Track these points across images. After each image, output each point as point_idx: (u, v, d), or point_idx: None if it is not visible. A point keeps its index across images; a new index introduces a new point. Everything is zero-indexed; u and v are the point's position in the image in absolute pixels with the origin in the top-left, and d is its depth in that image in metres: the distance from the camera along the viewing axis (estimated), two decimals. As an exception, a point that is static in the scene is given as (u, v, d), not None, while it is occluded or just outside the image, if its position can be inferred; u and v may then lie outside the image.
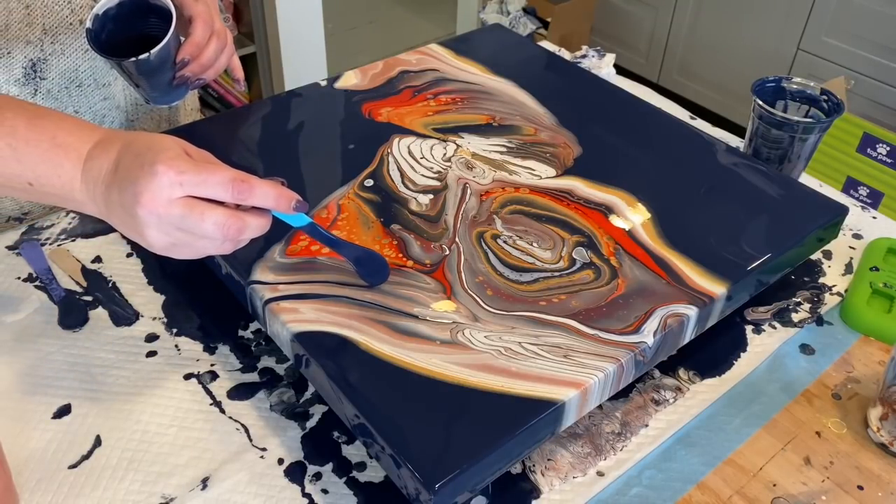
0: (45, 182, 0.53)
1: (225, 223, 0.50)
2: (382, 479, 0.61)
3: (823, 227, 0.74)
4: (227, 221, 0.50)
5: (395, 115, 0.86)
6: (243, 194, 0.50)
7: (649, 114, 0.89)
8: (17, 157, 0.52)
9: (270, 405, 0.66)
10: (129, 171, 0.50)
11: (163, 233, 0.50)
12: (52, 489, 0.59)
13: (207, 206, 0.50)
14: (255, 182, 0.51)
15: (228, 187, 0.50)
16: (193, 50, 0.76)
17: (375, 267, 0.64)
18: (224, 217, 0.50)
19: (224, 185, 0.50)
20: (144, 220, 0.50)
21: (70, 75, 0.84)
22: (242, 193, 0.50)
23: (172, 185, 0.49)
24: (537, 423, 0.55)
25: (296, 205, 0.53)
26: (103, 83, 0.87)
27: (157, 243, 0.51)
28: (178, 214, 0.49)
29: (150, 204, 0.49)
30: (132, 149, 0.51)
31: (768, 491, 0.61)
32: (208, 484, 0.60)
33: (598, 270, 0.67)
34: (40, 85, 0.83)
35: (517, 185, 0.76)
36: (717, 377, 0.70)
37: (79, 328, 0.71)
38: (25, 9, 0.78)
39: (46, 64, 0.82)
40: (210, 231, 0.50)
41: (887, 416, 0.63)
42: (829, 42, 2.22)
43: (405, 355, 0.59)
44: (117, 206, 0.51)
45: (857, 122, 1.58)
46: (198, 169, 0.49)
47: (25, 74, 0.81)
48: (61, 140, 0.52)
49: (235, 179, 0.50)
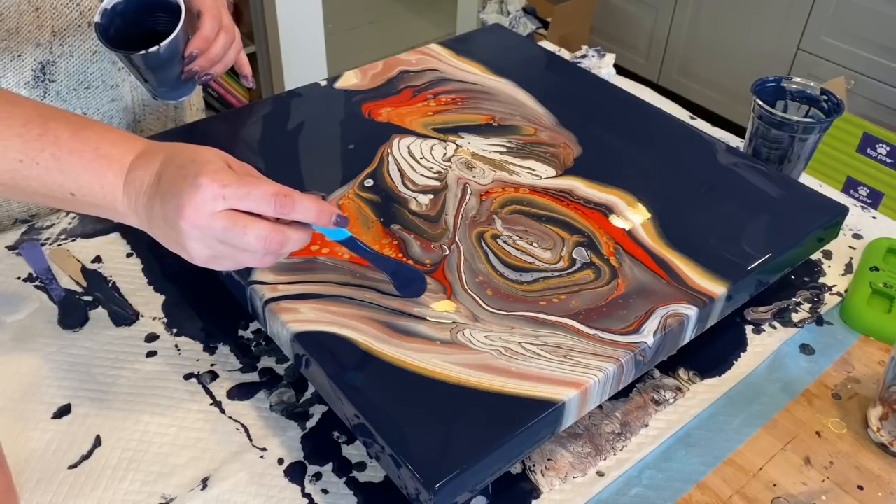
0: (87, 192, 0.53)
1: (267, 237, 0.50)
2: (382, 479, 0.61)
3: (823, 227, 0.74)
4: (270, 235, 0.50)
5: (395, 115, 0.86)
6: (286, 208, 0.50)
7: (649, 114, 0.89)
8: (60, 168, 0.52)
9: (270, 405, 0.66)
10: (173, 183, 0.50)
11: (205, 245, 0.50)
12: (52, 489, 0.59)
13: (250, 219, 0.50)
14: (298, 196, 0.51)
15: (271, 201, 0.50)
16: (202, 44, 0.77)
17: (413, 281, 0.63)
18: (266, 230, 0.50)
19: (267, 198, 0.50)
20: (187, 233, 0.50)
21: (78, 77, 0.85)
22: (285, 207, 0.50)
23: (216, 198, 0.49)
24: (537, 423, 0.55)
25: (336, 219, 0.53)
26: (111, 84, 0.88)
27: (199, 256, 0.51)
28: (221, 227, 0.49)
29: (192, 216, 0.49)
30: (175, 161, 0.51)
31: (768, 491, 0.61)
32: (208, 484, 0.60)
33: (598, 270, 0.67)
34: (49, 87, 0.83)
35: (517, 185, 0.76)
36: (717, 377, 0.70)
37: (79, 328, 0.71)
38: (35, 11, 0.78)
39: (55, 66, 0.82)
40: (252, 244, 0.50)
41: (887, 416, 0.63)
42: (829, 42, 2.22)
43: (405, 355, 0.59)
44: (159, 218, 0.51)
45: (857, 122, 1.57)
46: (241, 182, 0.49)
47: (35, 77, 0.81)
48: (105, 151, 0.52)
49: (278, 193, 0.50)
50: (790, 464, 0.63)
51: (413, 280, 0.63)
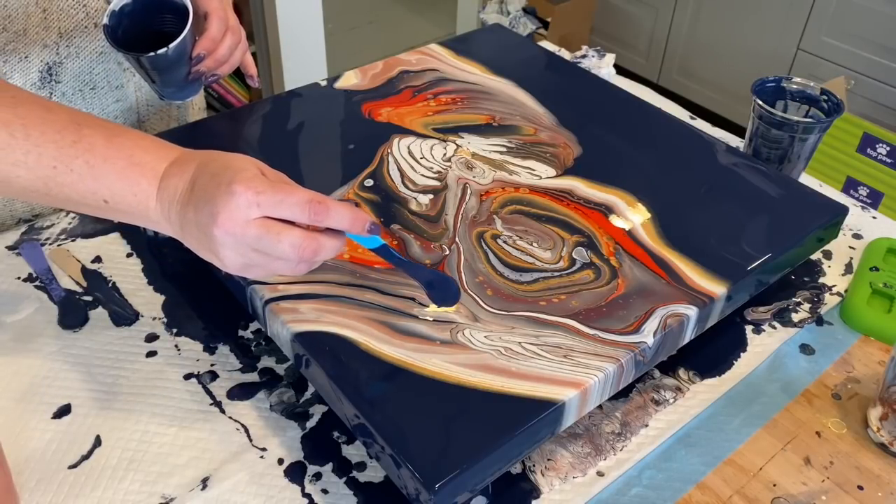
0: (119, 200, 0.52)
1: (301, 244, 0.50)
2: (382, 479, 0.61)
3: (823, 227, 0.74)
4: (304, 243, 0.50)
5: (395, 115, 0.86)
6: (320, 216, 0.50)
7: (649, 114, 0.89)
8: (94, 175, 0.51)
9: (270, 405, 0.66)
10: (206, 190, 0.50)
11: (238, 253, 0.50)
12: (52, 489, 0.59)
13: (284, 226, 0.49)
14: (332, 204, 0.50)
15: (305, 208, 0.49)
16: (209, 45, 0.77)
17: (446, 289, 0.61)
18: (300, 238, 0.50)
19: (301, 206, 0.49)
20: (220, 241, 0.49)
21: (84, 78, 0.85)
22: (319, 215, 0.50)
23: (250, 205, 0.48)
24: (537, 423, 0.55)
25: (370, 227, 0.53)
26: (116, 85, 0.88)
27: (232, 264, 0.51)
28: (255, 235, 0.49)
29: (226, 224, 0.48)
30: (209, 168, 0.51)
31: (768, 491, 0.61)
32: (208, 484, 0.60)
33: (598, 270, 0.67)
34: (55, 88, 0.83)
35: (517, 185, 0.76)
36: (717, 377, 0.70)
37: (79, 328, 0.71)
38: (42, 13, 0.78)
39: (62, 67, 0.83)
40: (286, 252, 0.50)
41: (887, 416, 0.63)
42: (829, 42, 2.22)
43: (405, 355, 0.59)
44: (193, 225, 0.51)
45: (857, 122, 1.57)
46: (275, 189, 0.49)
47: (41, 78, 0.82)
48: (139, 158, 0.52)
49: (312, 201, 0.49)
50: (790, 464, 0.63)
51: (447, 289, 0.61)
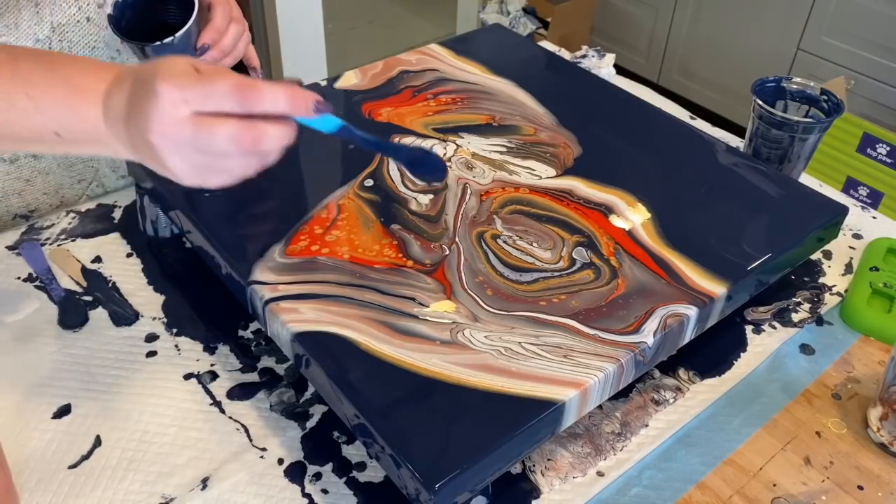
0: (70, 129, 0.50)
1: (237, 134, 0.45)
2: (382, 479, 0.61)
3: (823, 227, 0.74)
4: (239, 133, 0.45)
5: (395, 115, 0.86)
6: (250, 101, 0.46)
7: (649, 114, 0.89)
8: (37, 107, 0.49)
9: (270, 405, 0.66)
10: (138, 99, 0.46)
11: (182, 158, 0.46)
12: (52, 489, 0.59)
13: (217, 119, 0.45)
14: (263, 85, 0.46)
15: (234, 96, 0.45)
16: (214, 35, 0.76)
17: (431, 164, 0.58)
18: (235, 129, 0.45)
19: (229, 94, 0.45)
20: (160, 147, 0.46)
21: None
22: (249, 100, 0.46)
23: (175, 103, 0.45)
24: (537, 423, 0.55)
25: (315, 106, 0.48)
26: None
27: (182, 172, 0.47)
28: (189, 134, 0.45)
29: (158, 128, 0.45)
30: (139, 76, 0.47)
31: (768, 491, 0.61)
32: (208, 484, 0.60)
33: (598, 270, 0.67)
34: None
35: (517, 185, 0.76)
36: (717, 377, 0.70)
37: (79, 328, 0.71)
38: (35, 6, 0.78)
39: None
40: (224, 146, 0.46)
41: (887, 416, 0.63)
42: (829, 42, 2.22)
43: (405, 355, 0.59)
44: (138, 140, 0.47)
45: (857, 122, 1.57)
46: (200, 82, 0.45)
47: None
48: (76, 81, 0.49)
49: (240, 85, 0.45)
50: (790, 464, 0.63)
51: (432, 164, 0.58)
